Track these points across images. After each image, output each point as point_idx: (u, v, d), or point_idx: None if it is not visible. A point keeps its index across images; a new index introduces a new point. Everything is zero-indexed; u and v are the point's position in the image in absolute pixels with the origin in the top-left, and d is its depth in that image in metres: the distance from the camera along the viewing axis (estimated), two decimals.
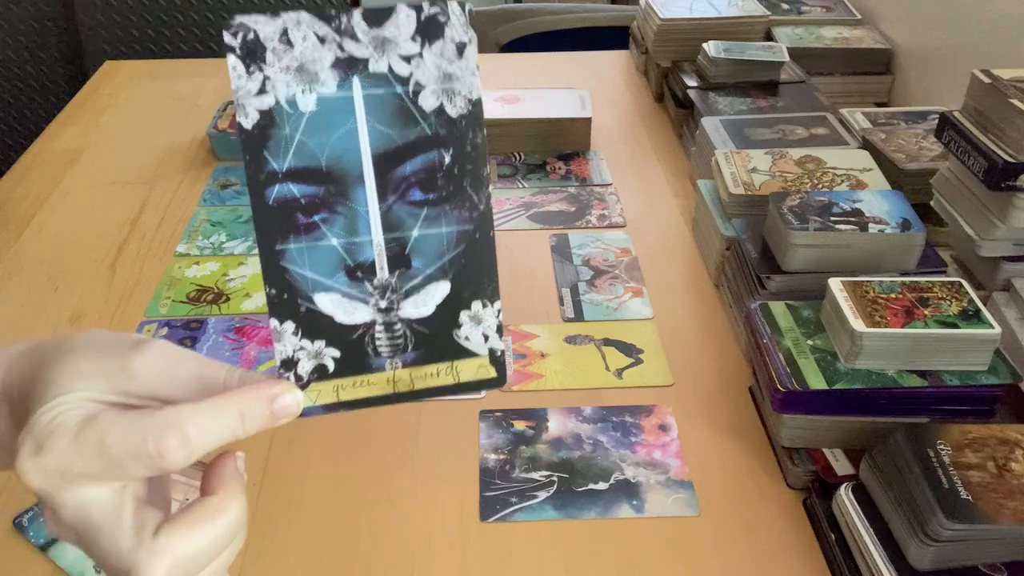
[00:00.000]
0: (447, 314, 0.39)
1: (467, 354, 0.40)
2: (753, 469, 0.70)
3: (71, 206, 1.08)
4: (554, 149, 1.19)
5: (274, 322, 0.38)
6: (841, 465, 0.67)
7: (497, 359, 0.40)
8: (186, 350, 0.38)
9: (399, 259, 0.38)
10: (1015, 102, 0.70)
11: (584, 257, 0.97)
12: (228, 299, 0.90)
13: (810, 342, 0.70)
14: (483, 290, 0.39)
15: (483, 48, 1.84)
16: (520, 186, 1.11)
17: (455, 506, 0.67)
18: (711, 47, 1.20)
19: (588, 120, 1.18)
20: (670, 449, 0.72)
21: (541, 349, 0.83)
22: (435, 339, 0.39)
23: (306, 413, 0.38)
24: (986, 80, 0.74)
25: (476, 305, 0.39)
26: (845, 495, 0.62)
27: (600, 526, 0.66)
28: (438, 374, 0.40)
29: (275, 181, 0.36)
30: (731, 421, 0.75)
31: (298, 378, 0.38)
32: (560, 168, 1.15)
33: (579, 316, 0.88)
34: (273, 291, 0.37)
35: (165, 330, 0.86)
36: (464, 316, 0.39)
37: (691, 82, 1.20)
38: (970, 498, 0.55)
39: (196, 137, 1.21)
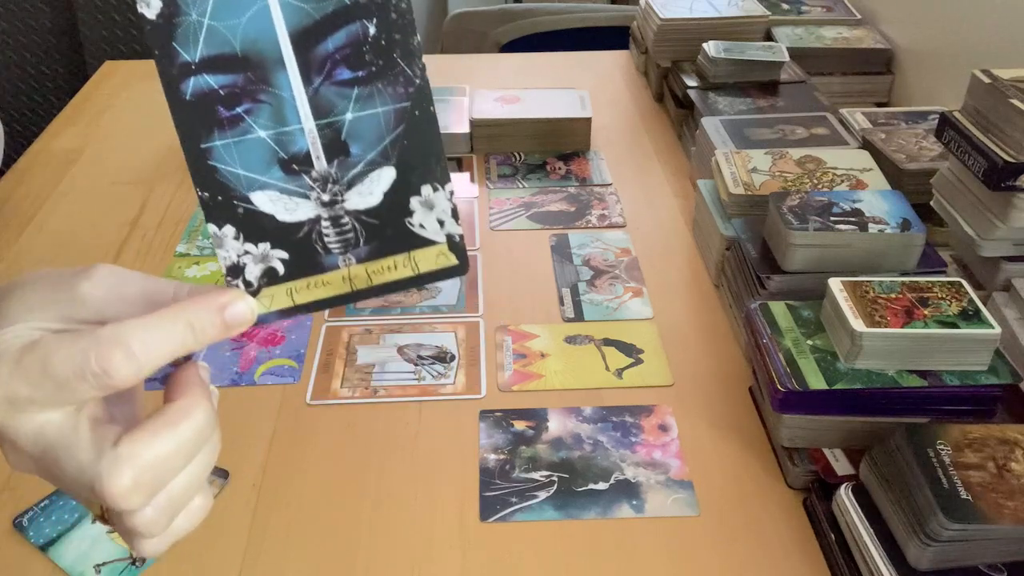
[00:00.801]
0: (396, 202, 0.37)
1: (423, 242, 0.37)
2: (753, 469, 0.70)
3: (71, 206, 1.08)
4: (554, 149, 1.19)
5: (212, 228, 0.35)
6: (841, 465, 0.67)
7: (456, 244, 0.37)
8: (133, 271, 0.36)
9: (336, 146, 0.36)
10: (1015, 102, 0.70)
11: (584, 257, 0.97)
12: None
13: (810, 342, 0.70)
14: (431, 172, 0.36)
15: (483, 48, 1.84)
16: (520, 186, 1.11)
17: (455, 506, 0.67)
18: (711, 47, 1.20)
19: (588, 120, 1.18)
20: (670, 449, 0.72)
21: (541, 349, 0.83)
22: (387, 229, 0.37)
23: (261, 320, 0.37)
24: (986, 80, 0.74)
25: (426, 189, 0.37)
26: (845, 495, 0.62)
27: (600, 526, 0.66)
28: (395, 267, 0.37)
29: (189, 73, 0.34)
30: (731, 421, 0.75)
31: (247, 284, 0.36)
32: (560, 168, 1.15)
33: (579, 316, 0.88)
34: (206, 194, 0.35)
35: None
36: (415, 202, 0.37)
37: (691, 82, 1.20)
38: (970, 498, 0.55)
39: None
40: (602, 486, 0.69)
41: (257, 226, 0.36)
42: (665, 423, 0.75)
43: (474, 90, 1.25)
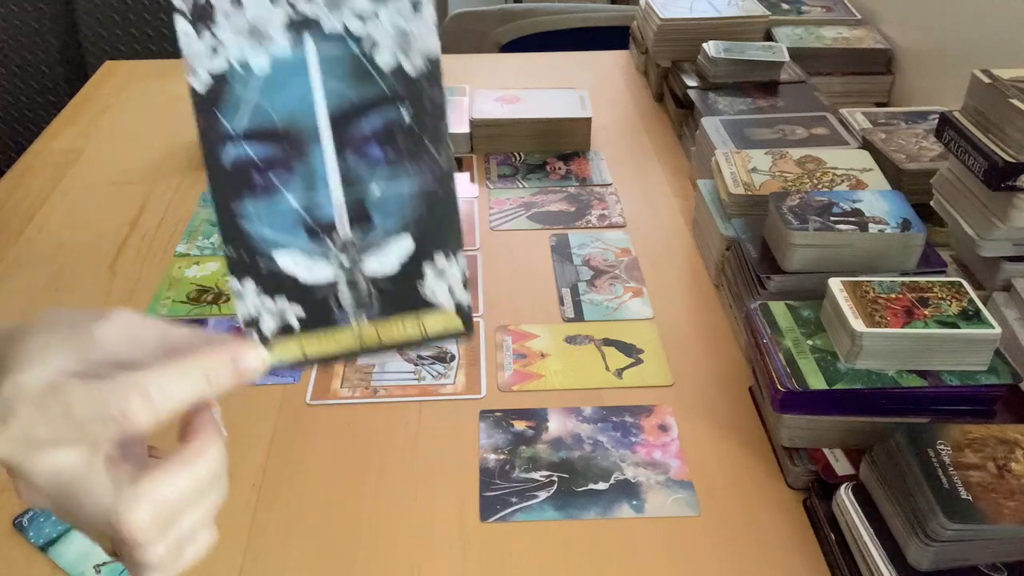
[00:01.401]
0: (411, 269, 0.39)
1: (433, 307, 0.40)
2: (753, 469, 0.70)
3: (71, 206, 1.08)
4: (554, 149, 1.19)
5: (234, 281, 0.37)
6: (841, 465, 0.67)
7: (463, 311, 0.40)
8: (150, 317, 0.38)
9: (360, 216, 0.38)
10: (1015, 102, 0.70)
11: (584, 257, 0.97)
12: (228, 299, 0.90)
13: (810, 342, 0.70)
14: (446, 243, 0.39)
15: (483, 48, 1.84)
16: (520, 186, 1.11)
17: (455, 506, 0.67)
18: (711, 47, 1.20)
19: (588, 120, 1.18)
20: (670, 449, 0.72)
21: (541, 349, 0.83)
22: (399, 294, 0.39)
23: (272, 370, 0.38)
24: (986, 80, 0.74)
25: (440, 258, 0.39)
26: (845, 495, 0.62)
27: (600, 526, 0.66)
28: (404, 328, 0.40)
29: (229, 142, 0.36)
30: (731, 421, 0.75)
31: (262, 336, 0.38)
32: (560, 168, 1.15)
33: (579, 316, 0.88)
34: (232, 251, 0.37)
35: None
36: (428, 269, 0.39)
37: (691, 82, 1.20)
38: (970, 498, 0.55)
39: (196, 137, 1.21)
40: (602, 486, 0.69)
41: (277, 283, 0.38)
42: (665, 423, 0.75)
43: (474, 90, 1.25)
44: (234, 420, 0.75)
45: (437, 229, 0.39)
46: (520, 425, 0.75)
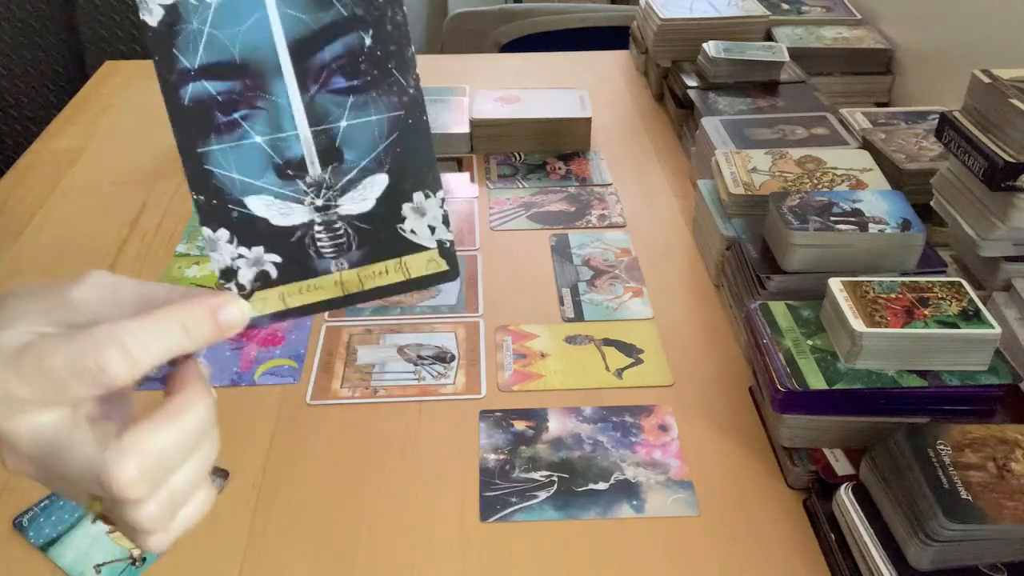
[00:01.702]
0: (389, 208, 0.37)
1: (415, 248, 0.38)
2: (753, 469, 0.70)
3: (71, 206, 1.08)
4: (554, 149, 1.19)
5: (206, 231, 0.36)
6: (841, 465, 0.67)
7: (447, 250, 0.38)
8: (126, 277, 0.37)
9: (330, 152, 0.36)
10: (1015, 102, 0.70)
11: (584, 257, 0.97)
12: None
13: (810, 342, 0.70)
14: (423, 180, 0.37)
15: (483, 48, 1.84)
16: (520, 186, 1.11)
17: (455, 506, 0.67)
18: (711, 47, 1.20)
19: (588, 120, 1.18)
20: (670, 449, 0.72)
21: (541, 349, 0.83)
22: (379, 235, 0.37)
23: (254, 323, 0.37)
24: (986, 80, 0.74)
25: (418, 196, 0.37)
26: (845, 495, 0.62)
27: (600, 526, 0.66)
28: (387, 271, 0.38)
29: (188, 79, 0.34)
30: (731, 421, 0.75)
31: (240, 287, 0.37)
32: (560, 168, 1.15)
33: (579, 316, 0.88)
34: (201, 197, 0.36)
35: None
36: (407, 208, 0.37)
37: (691, 82, 1.20)
38: (970, 498, 0.55)
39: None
40: (602, 486, 0.69)
41: (251, 230, 0.36)
42: (665, 423, 0.75)
43: (474, 90, 1.25)
44: (234, 420, 0.75)
45: (412, 164, 0.37)
46: (520, 425, 0.75)
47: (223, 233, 0.36)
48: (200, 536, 0.65)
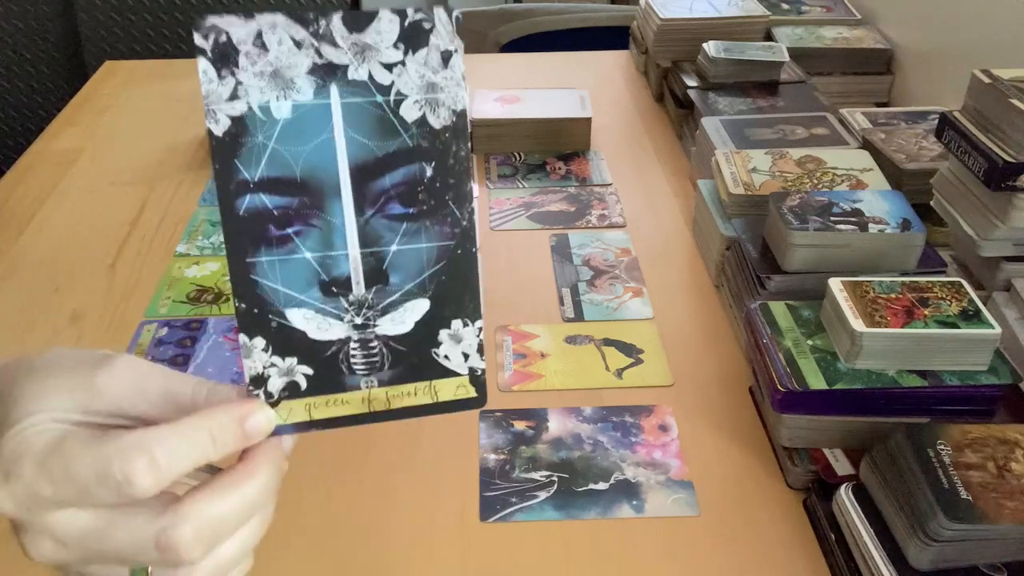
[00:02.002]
0: (426, 332, 0.37)
1: (446, 373, 0.38)
2: (753, 469, 0.70)
3: (71, 206, 1.08)
4: (554, 149, 1.19)
5: (243, 338, 0.36)
6: (841, 465, 0.67)
7: (477, 378, 0.39)
8: (153, 364, 0.37)
9: (376, 274, 0.37)
10: (1015, 102, 0.70)
11: (584, 257, 0.97)
12: (228, 299, 0.90)
13: (810, 342, 0.70)
14: (464, 308, 0.38)
15: (483, 48, 1.84)
16: (520, 186, 1.11)
17: (455, 506, 0.67)
18: (711, 47, 1.20)
19: (588, 120, 1.18)
20: (670, 449, 0.72)
21: (541, 349, 0.83)
22: (413, 357, 0.38)
23: (277, 432, 0.37)
24: (986, 80, 0.74)
25: (456, 323, 0.38)
26: (845, 495, 0.62)
27: (600, 526, 0.66)
28: (415, 393, 0.38)
29: (246, 191, 0.35)
30: (731, 421, 0.75)
31: (268, 395, 0.37)
32: (560, 168, 1.15)
33: (579, 316, 0.88)
34: (243, 305, 0.36)
35: (165, 330, 0.86)
36: (444, 334, 0.38)
37: (691, 82, 1.20)
38: (970, 498, 0.55)
39: (196, 137, 1.21)
40: (602, 486, 0.69)
41: (288, 341, 0.37)
42: (665, 423, 0.75)
43: (474, 90, 1.25)
44: None
45: (455, 292, 0.37)
46: (520, 425, 0.75)
47: (259, 341, 0.36)
48: None
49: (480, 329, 0.38)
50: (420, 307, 0.37)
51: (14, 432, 0.34)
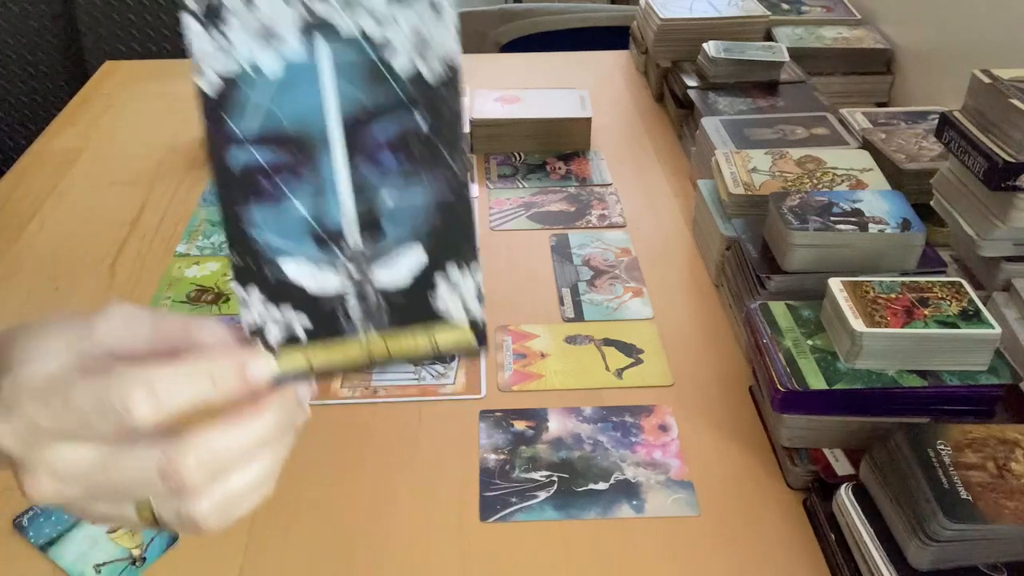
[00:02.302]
0: (422, 280, 0.37)
1: (445, 320, 0.38)
2: (753, 469, 0.70)
3: (71, 206, 1.08)
4: (554, 149, 1.19)
5: (239, 288, 0.36)
6: (841, 465, 0.67)
7: (476, 325, 0.38)
8: (145, 308, 0.38)
9: (370, 225, 0.37)
10: (1015, 102, 0.70)
11: (584, 257, 0.97)
12: (228, 299, 0.90)
13: (810, 342, 0.70)
14: (460, 255, 0.37)
15: (483, 48, 1.84)
16: (520, 186, 1.11)
17: (455, 506, 0.67)
18: (711, 47, 1.20)
19: (588, 120, 1.18)
20: (670, 449, 0.72)
21: (541, 349, 0.83)
22: (410, 306, 0.38)
23: (277, 381, 0.37)
24: (986, 80, 0.74)
25: (454, 272, 0.38)
26: (845, 495, 0.62)
27: (600, 526, 0.66)
28: (415, 340, 0.38)
29: (238, 147, 0.35)
30: (731, 421, 0.75)
31: (268, 346, 0.37)
32: (560, 168, 1.15)
33: (579, 316, 0.88)
34: (238, 257, 0.36)
35: None
36: (440, 283, 0.38)
37: (691, 82, 1.20)
38: (970, 498, 0.55)
39: (196, 137, 1.21)
40: (602, 486, 0.69)
41: (284, 292, 0.37)
42: (665, 423, 0.75)
43: (474, 90, 1.25)
44: None
45: (451, 241, 0.37)
46: (520, 425, 0.75)
47: (256, 292, 0.37)
48: (200, 536, 0.65)
49: (478, 276, 0.38)
50: (416, 257, 0.37)
51: (13, 373, 0.34)
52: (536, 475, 0.70)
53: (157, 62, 1.51)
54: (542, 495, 0.68)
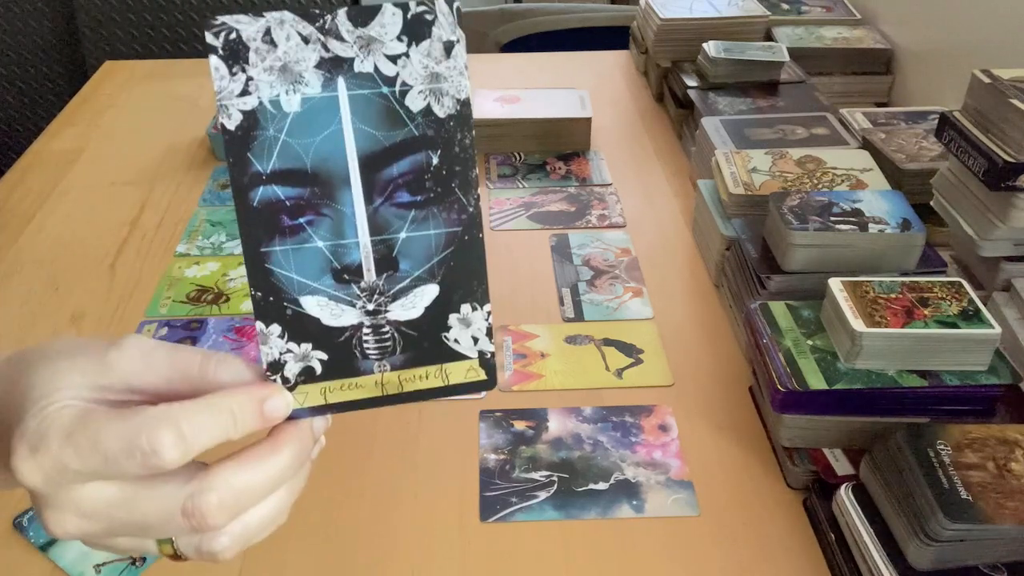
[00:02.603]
0: (436, 317, 0.39)
1: (456, 357, 0.39)
2: (753, 469, 0.70)
3: (71, 206, 1.08)
4: (554, 149, 1.19)
5: (260, 325, 0.37)
6: (841, 465, 0.67)
7: (487, 361, 0.40)
8: (160, 341, 0.38)
9: (386, 261, 0.38)
10: (1015, 102, 0.70)
11: (584, 257, 0.97)
12: (228, 299, 0.90)
13: (810, 342, 0.70)
14: (472, 293, 0.39)
15: (483, 48, 1.84)
16: (520, 186, 1.11)
17: (455, 506, 0.67)
18: (711, 47, 1.20)
19: (588, 120, 1.18)
20: (670, 449, 0.72)
21: (541, 349, 0.83)
22: (424, 342, 0.39)
23: (294, 415, 0.38)
24: (986, 80, 0.74)
25: (465, 308, 0.39)
26: (845, 495, 0.62)
27: (600, 526, 0.66)
28: (427, 376, 0.39)
29: (259, 183, 0.36)
30: (731, 421, 0.75)
31: (285, 380, 0.38)
32: (560, 168, 1.15)
33: (579, 316, 0.88)
34: (259, 294, 0.37)
35: (165, 330, 0.86)
36: (453, 319, 0.39)
37: (691, 82, 1.20)
38: (970, 498, 0.55)
39: (196, 137, 1.22)
40: (602, 486, 0.69)
41: (302, 327, 0.38)
42: (665, 423, 0.75)
43: (474, 90, 1.25)
44: None
45: (463, 277, 0.38)
46: (520, 425, 0.75)
47: (275, 328, 0.38)
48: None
49: (488, 313, 0.39)
50: (430, 292, 0.38)
51: (37, 409, 0.35)
52: (536, 475, 0.70)
53: (157, 62, 1.51)
54: (542, 495, 0.68)
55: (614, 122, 1.27)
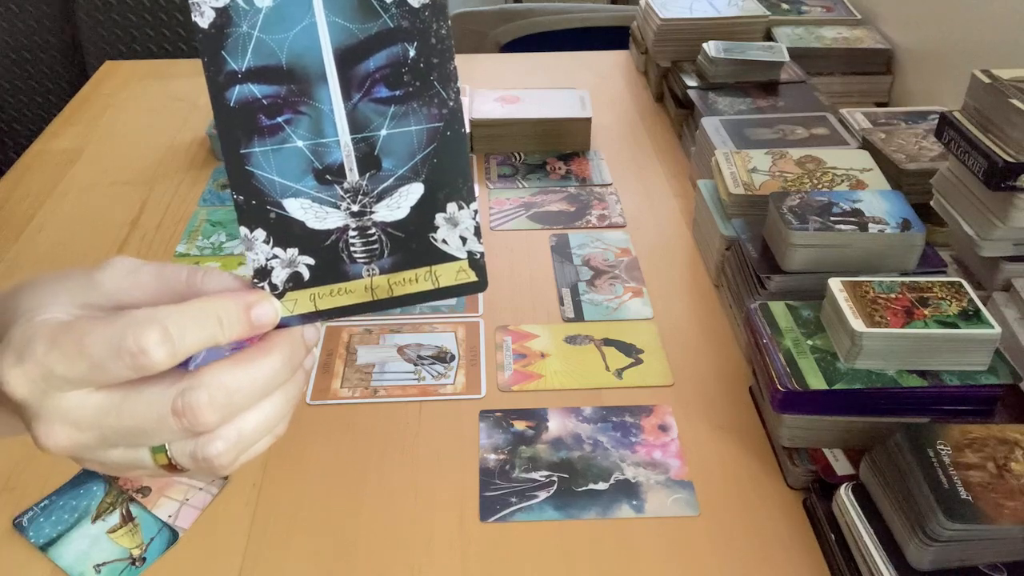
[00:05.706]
0: (422, 217, 0.38)
1: (445, 258, 0.38)
2: (753, 469, 0.70)
3: (71, 206, 1.08)
4: (554, 149, 1.19)
5: (244, 230, 0.37)
6: (841, 465, 0.67)
7: (476, 262, 0.39)
8: (146, 261, 0.38)
9: (369, 160, 0.37)
10: (1015, 102, 0.70)
11: (584, 257, 0.97)
12: None
13: (810, 342, 0.70)
14: (458, 191, 0.38)
15: (483, 48, 1.84)
16: (520, 186, 1.11)
17: (455, 506, 0.67)
18: (711, 47, 1.20)
19: (588, 120, 1.18)
20: (670, 449, 0.72)
21: (541, 349, 0.83)
22: (411, 243, 0.38)
23: (284, 323, 0.38)
24: (986, 80, 0.74)
25: (451, 207, 0.38)
26: (845, 495, 0.62)
27: (600, 526, 0.66)
28: (417, 279, 0.39)
29: (235, 81, 0.35)
30: (731, 421, 0.75)
31: (273, 287, 0.37)
32: (560, 168, 1.15)
33: (579, 316, 0.88)
34: (241, 198, 0.36)
35: None
36: (440, 218, 0.38)
37: (691, 82, 1.20)
38: (970, 498, 0.55)
39: (196, 137, 1.22)
40: (602, 486, 0.69)
41: (287, 231, 0.37)
42: (665, 423, 0.75)
43: (474, 90, 1.25)
44: None
45: (448, 174, 0.37)
46: (520, 425, 0.75)
47: (260, 233, 0.37)
48: (200, 536, 0.65)
49: (476, 212, 0.38)
50: (415, 191, 0.38)
51: (23, 321, 0.35)
52: (536, 475, 0.70)
53: (157, 62, 1.51)
54: (542, 495, 0.68)
55: (614, 122, 1.27)
